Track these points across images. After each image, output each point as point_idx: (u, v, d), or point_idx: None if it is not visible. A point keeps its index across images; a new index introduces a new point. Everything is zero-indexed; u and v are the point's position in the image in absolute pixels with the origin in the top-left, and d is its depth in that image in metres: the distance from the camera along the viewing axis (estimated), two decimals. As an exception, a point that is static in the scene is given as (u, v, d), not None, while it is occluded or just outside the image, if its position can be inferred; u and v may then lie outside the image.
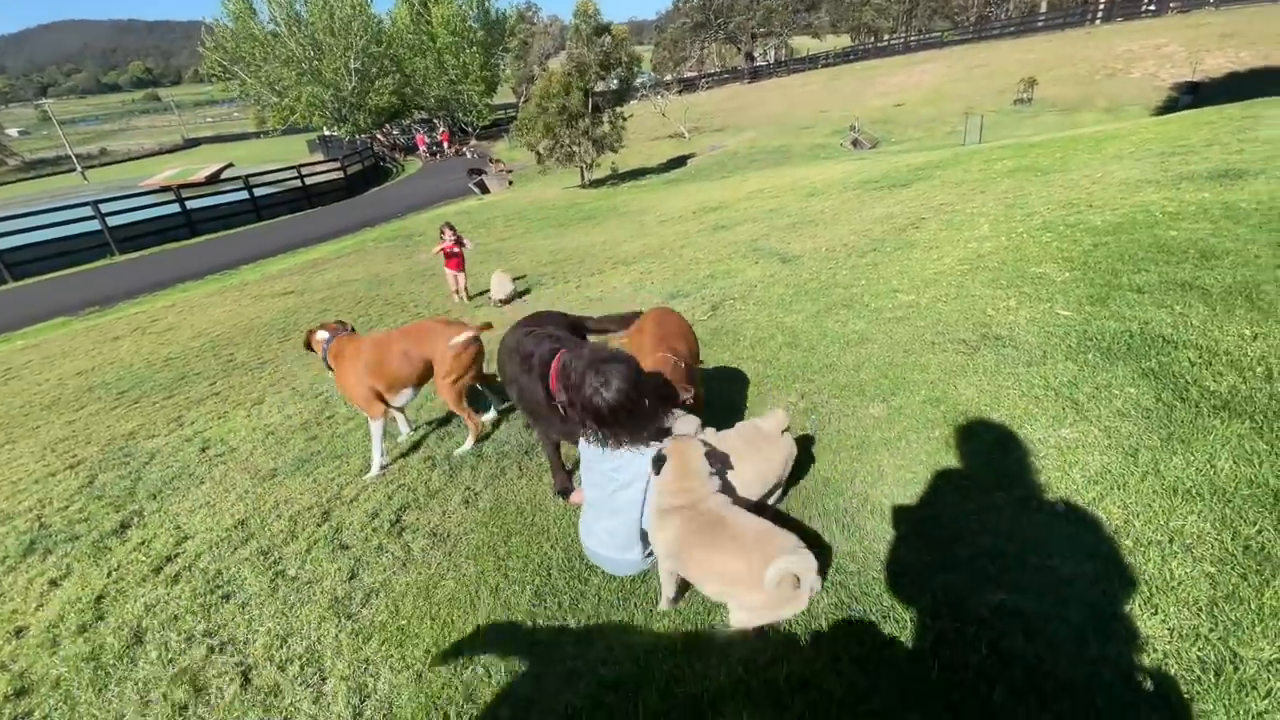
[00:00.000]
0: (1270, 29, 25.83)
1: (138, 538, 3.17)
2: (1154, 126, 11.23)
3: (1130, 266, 3.89)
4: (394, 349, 3.32)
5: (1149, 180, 6.22)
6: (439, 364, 3.31)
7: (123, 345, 8.98)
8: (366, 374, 3.29)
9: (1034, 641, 1.60)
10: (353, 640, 2.10)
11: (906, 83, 32.11)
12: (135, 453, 4.56)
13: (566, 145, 20.69)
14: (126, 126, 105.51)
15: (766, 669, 1.69)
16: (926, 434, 2.64)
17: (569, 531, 2.48)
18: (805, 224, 7.91)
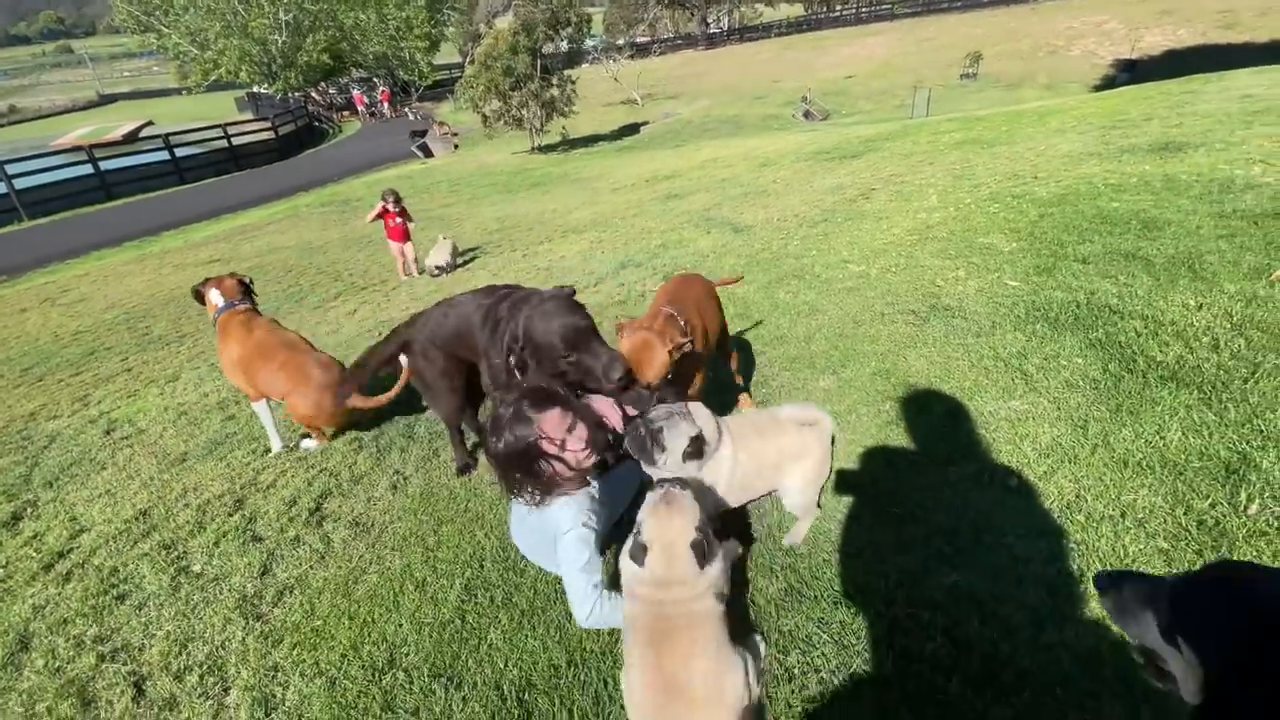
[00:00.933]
0: (1208, 6, 26.81)
1: (29, 530, 2.86)
2: (1094, 102, 11.51)
3: (1075, 237, 3.91)
4: (272, 361, 2.98)
5: (1091, 153, 6.32)
6: (300, 405, 2.98)
7: (29, 318, 8.29)
8: (238, 367, 3.04)
9: (989, 626, 1.54)
10: (261, 644, 1.89)
11: (858, 54, 32.18)
12: (34, 435, 4.16)
13: (514, 109, 19.91)
14: (37, 82, 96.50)
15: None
16: (877, 407, 2.56)
17: (505, 518, 2.32)
18: (757, 194, 7.80)
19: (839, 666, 1.51)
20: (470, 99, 20.17)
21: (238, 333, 3.01)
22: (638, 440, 1.76)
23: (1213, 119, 6.86)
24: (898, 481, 2.13)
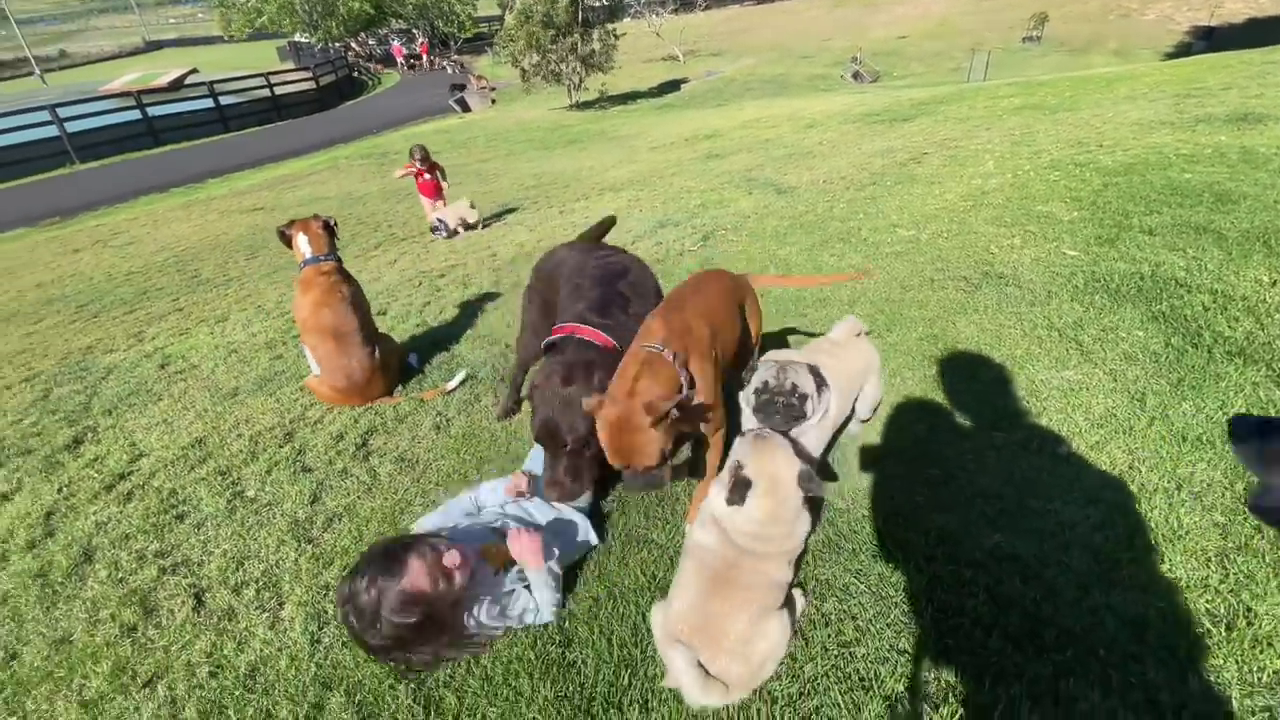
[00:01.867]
0: (1296, -30, 24.79)
1: (91, 454, 3.01)
2: (1168, 69, 10.84)
3: (1141, 208, 3.73)
4: (324, 342, 2.96)
5: (1163, 122, 5.98)
6: (319, 388, 3.04)
7: (83, 258, 8.58)
8: (298, 320, 3.09)
9: (1032, 587, 1.53)
10: (313, 565, 1.98)
11: (912, 13, 30.67)
12: (92, 367, 4.34)
13: (553, 63, 19.58)
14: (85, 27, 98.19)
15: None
16: (923, 371, 2.52)
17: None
18: (802, 156, 7.59)
19: (876, 616, 1.52)
20: (510, 52, 19.89)
21: (315, 294, 2.98)
22: (779, 411, 1.72)
23: (1299, 89, 6.43)
24: (941, 444, 2.10)
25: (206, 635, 1.78)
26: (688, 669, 1.30)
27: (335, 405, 2.97)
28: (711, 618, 1.35)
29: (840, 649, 1.45)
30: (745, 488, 1.39)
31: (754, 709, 1.36)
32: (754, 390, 1.81)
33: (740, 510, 1.40)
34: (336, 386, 2.89)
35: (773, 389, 1.74)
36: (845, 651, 1.45)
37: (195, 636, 1.79)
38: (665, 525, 1.97)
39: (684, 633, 1.36)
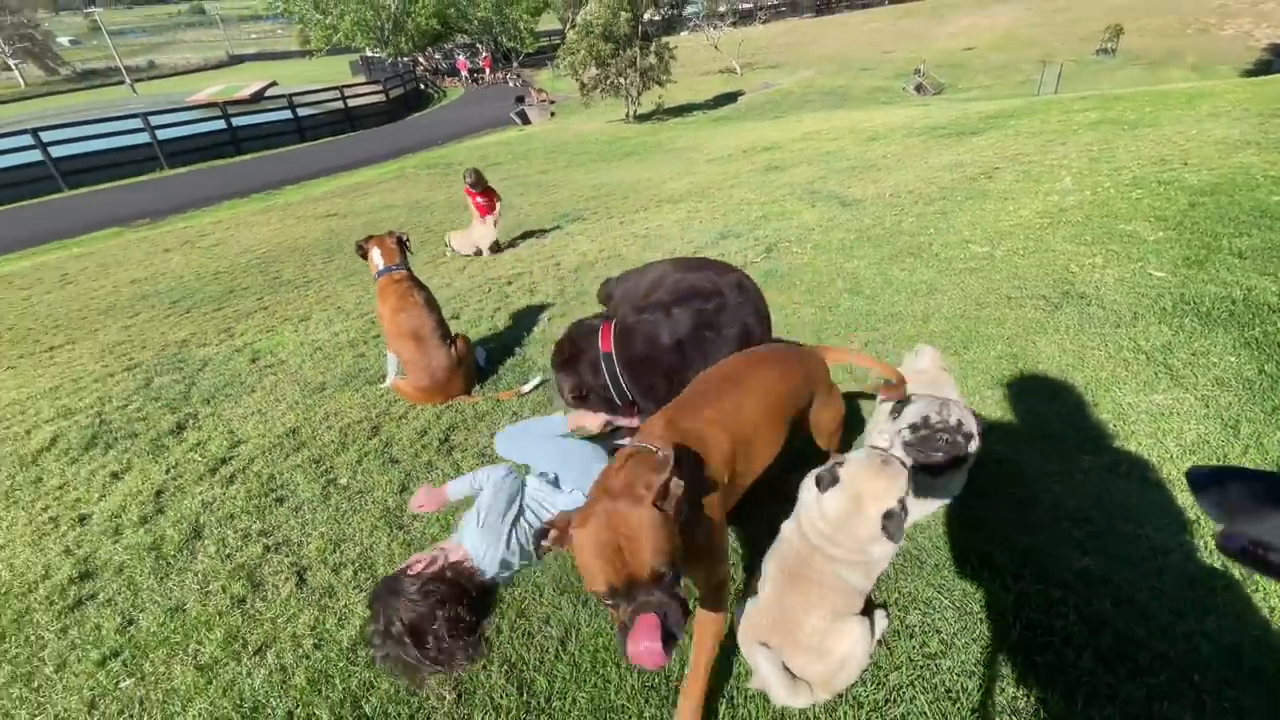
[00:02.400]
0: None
1: (193, 439, 3.24)
2: (1250, 86, 10.28)
3: (1231, 229, 3.57)
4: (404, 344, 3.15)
5: (1249, 141, 5.70)
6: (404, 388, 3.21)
7: (173, 257, 9.14)
8: (382, 326, 3.31)
9: (1124, 610, 1.50)
10: (404, 550, 2.10)
11: (979, 24, 29.94)
12: (188, 359, 4.64)
13: (612, 76, 19.92)
14: (173, 40, 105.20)
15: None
16: (1003, 390, 2.49)
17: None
18: (866, 169, 7.51)
19: (960, 630, 1.52)
20: (570, 65, 20.33)
21: (391, 301, 3.21)
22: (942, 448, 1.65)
23: (1403, 108, 6.01)
24: (1024, 464, 2.07)
25: (310, 610, 1.92)
26: (772, 669, 1.34)
27: (419, 403, 3.13)
28: (786, 612, 1.38)
29: (925, 660, 1.46)
30: (830, 482, 1.40)
31: (840, 712, 1.38)
32: (910, 425, 1.71)
33: (818, 502, 1.42)
34: (420, 385, 3.04)
35: (935, 425, 1.66)
36: (930, 663, 1.46)
37: (299, 610, 1.93)
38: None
39: (764, 628, 1.39)
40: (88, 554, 2.40)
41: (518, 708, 1.51)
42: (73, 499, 2.85)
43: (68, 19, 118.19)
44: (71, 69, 73.04)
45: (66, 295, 7.70)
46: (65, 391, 4.40)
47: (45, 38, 73.60)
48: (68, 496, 2.88)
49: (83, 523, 2.64)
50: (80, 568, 2.32)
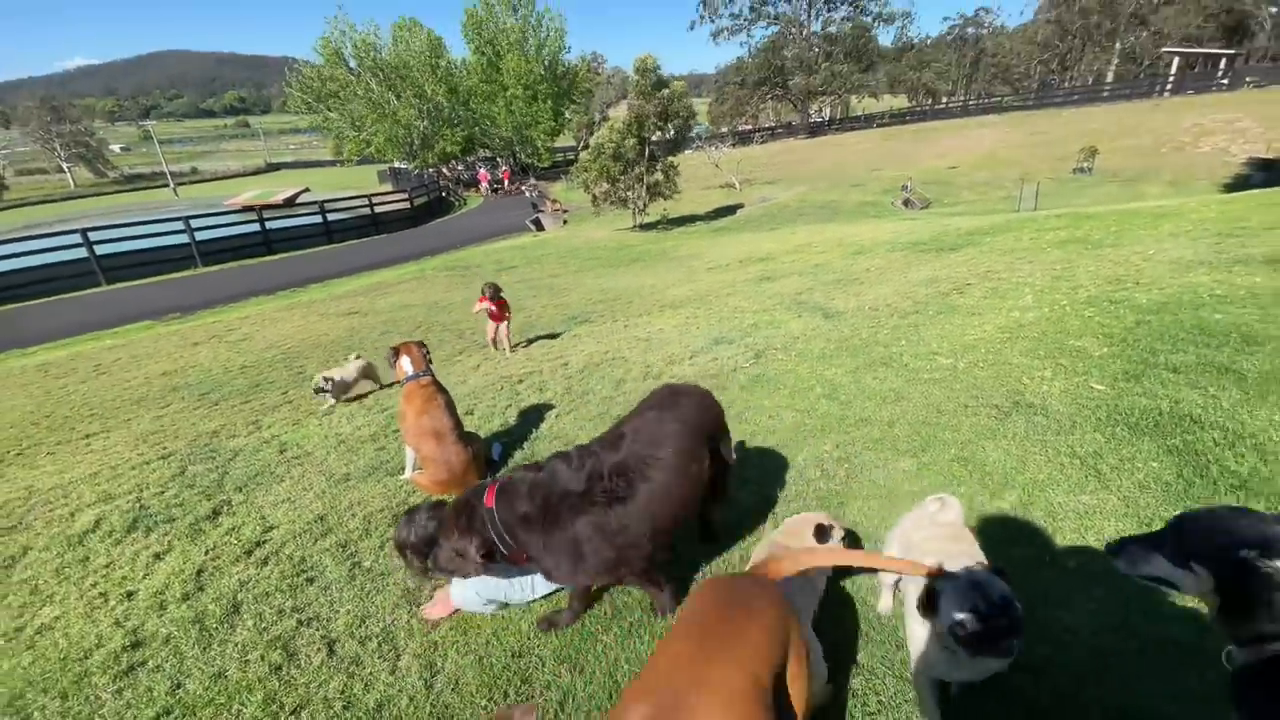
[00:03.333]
0: (1358, 107, 25.11)
1: (228, 524, 3.56)
2: (1217, 205, 11.13)
3: (1169, 346, 4.01)
4: (425, 443, 3.53)
5: (1201, 261, 6.27)
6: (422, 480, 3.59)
7: (202, 351, 9.67)
8: (403, 426, 3.71)
9: (1040, 681, 1.78)
10: (423, 626, 2.38)
11: (962, 145, 32.29)
12: (219, 450, 5.00)
13: (621, 190, 21.54)
14: (216, 149, 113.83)
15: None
16: (953, 489, 2.82)
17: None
18: (850, 281, 8.15)
19: (896, 694, 1.79)
20: (583, 181, 22.03)
21: (417, 404, 3.63)
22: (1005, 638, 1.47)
23: (1342, 232, 6.63)
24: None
25: (339, 677, 2.18)
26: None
27: (435, 494, 3.47)
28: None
29: (866, 717, 1.73)
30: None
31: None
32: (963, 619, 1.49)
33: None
34: (438, 478, 3.40)
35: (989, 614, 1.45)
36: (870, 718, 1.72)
37: (330, 677, 2.19)
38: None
39: None
40: (136, 626, 2.68)
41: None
42: (119, 576, 3.14)
43: (121, 129, 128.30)
44: (120, 173, 78.53)
45: (100, 385, 8.13)
46: (104, 478, 4.72)
47: (99, 145, 79.73)
48: (114, 574, 3.17)
49: (130, 598, 2.92)
50: (130, 638, 2.59)
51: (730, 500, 2.84)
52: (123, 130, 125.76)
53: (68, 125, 74.32)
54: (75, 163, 74.94)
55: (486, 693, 2.00)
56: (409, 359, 3.79)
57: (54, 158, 75.82)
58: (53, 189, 69.16)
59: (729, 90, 56.30)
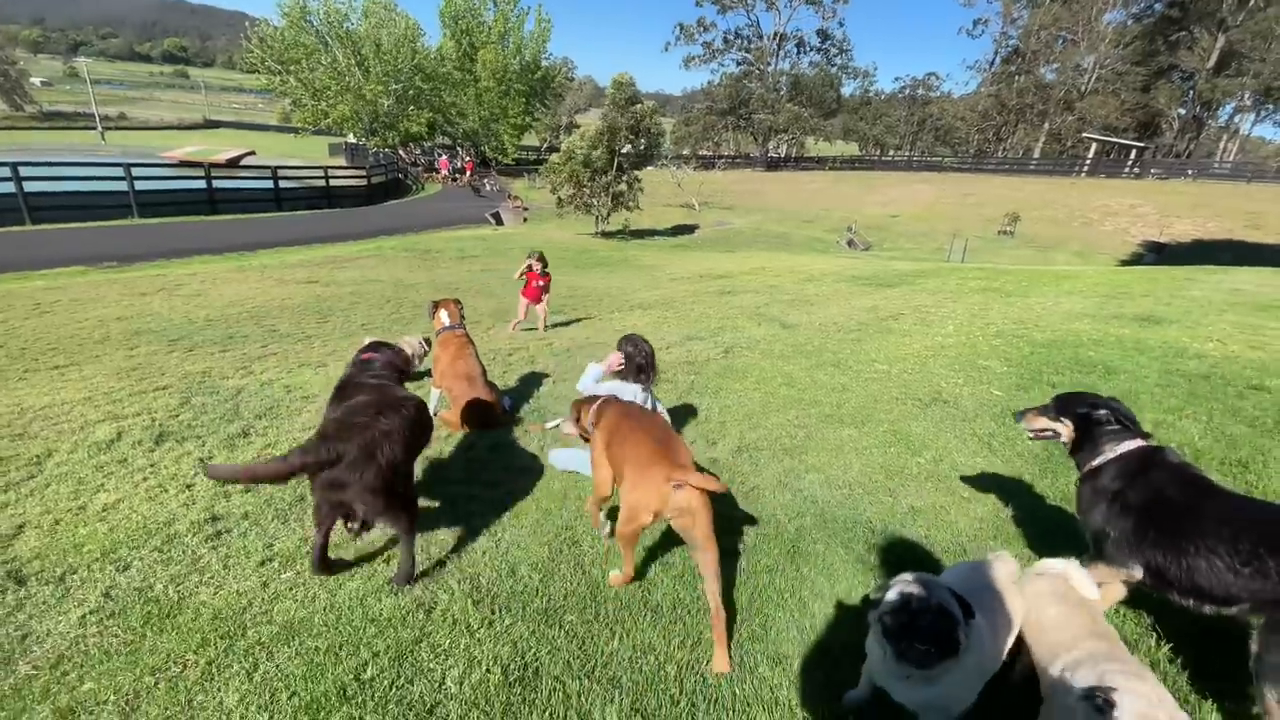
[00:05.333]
0: (1238, 205, 28.84)
1: (262, 442, 3.96)
2: (1109, 275, 12.94)
3: (1051, 369, 5.07)
4: (456, 384, 4.09)
5: (1087, 314, 7.56)
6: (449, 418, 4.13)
7: (152, 301, 9.39)
8: (438, 368, 4.27)
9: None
10: (479, 511, 2.98)
11: (904, 196, 34.83)
12: (219, 388, 5.20)
13: (586, 196, 22.23)
14: (149, 96, 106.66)
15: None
16: (884, 449, 3.67)
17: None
18: (802, 302, 9.13)
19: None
20: (551, 182, 22.58)
21: (452, 350, 4.21)
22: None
23: (1196, 303, 8.11)
24: (892, 479, 3.21)
25: (416, 539, 2.74)
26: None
27: (459, 430, 4.02)
28: None
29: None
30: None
31: None
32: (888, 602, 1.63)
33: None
34: (459, 416, 3.96)
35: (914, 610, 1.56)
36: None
37: (406, 541, 2.75)
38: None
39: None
40: (207, 506, 3.11)
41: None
42: (168, 474, 3.51)
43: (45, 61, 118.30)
44: (39, 108, 72.55)
45: (47, 324, 7.75)
46: (100, 402, 4.82)
47: (20, 75, 73.47)
48: (163, 472, 3.53)
49: (190, 489, 3.32)
50: (206, 514, 3.02)
51: (716, 444, 3.57)
52: (45, 64, 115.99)
53: (-14, 51, 68.32)
54: (-11, 91, 68.82)
55: (544, 551, 2.63)
56: (446, 312, 4.33)
57: (-35, 84, 69.35)
58: (-44, 115, 63.30)
59: (698, 114, 58.23)
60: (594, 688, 2.01)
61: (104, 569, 2.59)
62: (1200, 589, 1.88)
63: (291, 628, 2.25)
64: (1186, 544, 1.90)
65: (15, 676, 2.04)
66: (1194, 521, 1.91)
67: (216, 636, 2.21)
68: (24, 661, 2.11)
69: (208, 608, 2.36)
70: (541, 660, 2.12)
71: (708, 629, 2.26)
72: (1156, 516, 1.99)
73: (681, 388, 5.00)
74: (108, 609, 2.36)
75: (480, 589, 2.46)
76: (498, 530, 2.88)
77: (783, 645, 2.22)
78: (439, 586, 2.47)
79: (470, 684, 2.01)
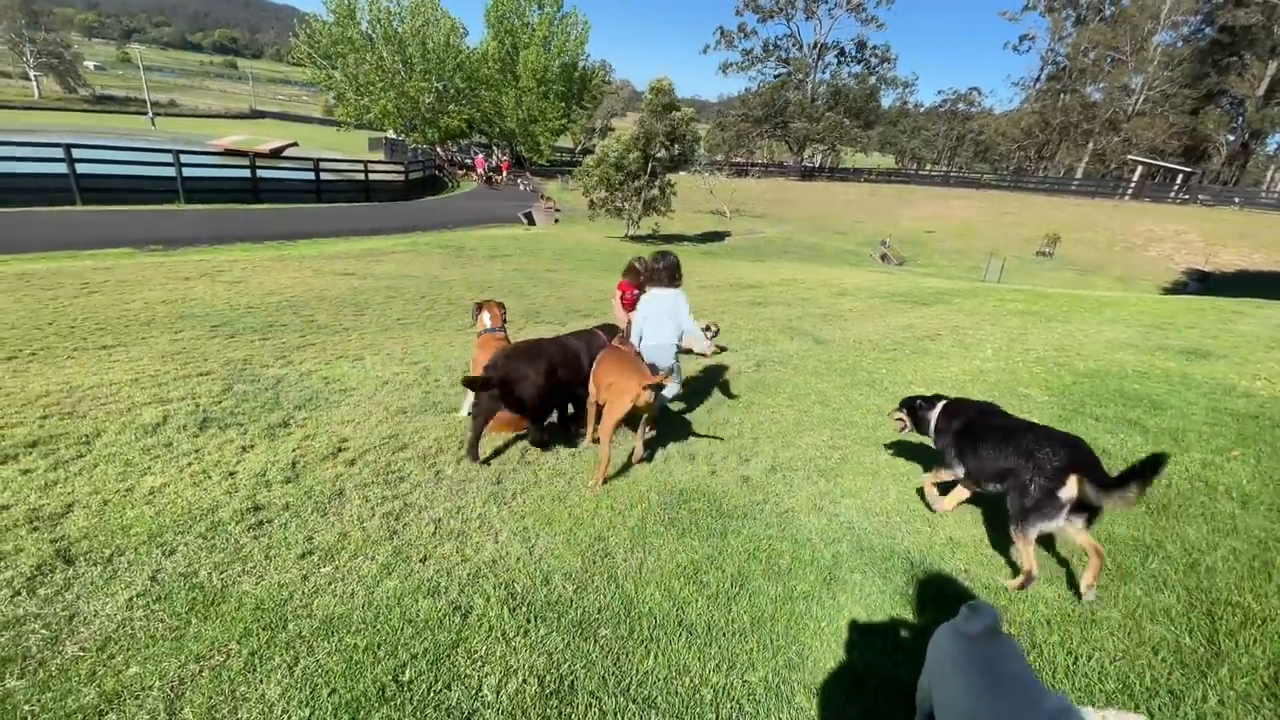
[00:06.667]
0: (1286, 235, 27.78)
1: (301, 434, 4.03)
2: (1153, 303, 12.58)
3: (1095, 402, 4.93)
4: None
5: (1131, 344, 7.35)
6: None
7: (196, 286, 9.67)
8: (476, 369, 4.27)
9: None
10: (511, 515, 3.00)
11: (940, 212, 34.30)
12: (259, 376, 5.33)
13: (619, 200, 22.31)
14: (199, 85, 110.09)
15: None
16: (922, 475, 3.60)
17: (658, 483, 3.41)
18: (835, 317, 9.03)
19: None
20: (584, 185, 22.71)
21: (489, 352, 4.21)
22: None
23: (1244, 338, 7.83)
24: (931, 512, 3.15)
25: (451, 542, 2.78)
26: None
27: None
28: None
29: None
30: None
31: None
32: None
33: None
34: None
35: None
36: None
37: (443, 542, 2.78)
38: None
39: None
40: (249, 495, 3.17)
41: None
42: (212, 460, 3.60)
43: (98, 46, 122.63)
44: (91, 92, 75.19)
45: (95, 303, 8.05)
46: (147, 384, 4.99)
47: (74, 59, 76.27)
48: (207, 458, 3.62)
49: (232, 477, 3.40)
50: (249, 503, 3.09)
51: (749, 461, 3.55)
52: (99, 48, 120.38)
53: (42, 32, 70.94)
54: (45, 72, 71.47)
55: (578, 561, 2.63)
56: (489, 315, 4.38)
57: (21, 63, 72.09)
58: (13, 95, 65.73)
59: (732, 121, 58.08)
60: (629, 706, 2.00)
61: (150, 552, 2.66)
62: (985, 473, 2.98)
63: (331, 623, 2.29)
64: (977, 448, 3.02)
65: (62, 657, 2.10)
66: (979, 436, 3.05)
67: (259, 627, 2.25)
68: (71, 642, 2.16)
69: (250, 597, 2.41)
70: (577, 674, 2.12)
71: (743, 653, 2.24)
72: (962, 437, 3.13)
73: (712, 401, 4.98)
74: (154, 593, 2.41)
75: (515, 596, 2.47)
76: (530, 537, 2.90)
77: (819, 676, 2.19)
78: (475, 591, 2.48)
79: (507, 694, 2.02)
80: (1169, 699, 2.10)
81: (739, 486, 3.49)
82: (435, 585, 2.49)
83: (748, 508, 3.27)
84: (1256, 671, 2.19)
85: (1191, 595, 2.61)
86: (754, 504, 3.30)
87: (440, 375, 5.48)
